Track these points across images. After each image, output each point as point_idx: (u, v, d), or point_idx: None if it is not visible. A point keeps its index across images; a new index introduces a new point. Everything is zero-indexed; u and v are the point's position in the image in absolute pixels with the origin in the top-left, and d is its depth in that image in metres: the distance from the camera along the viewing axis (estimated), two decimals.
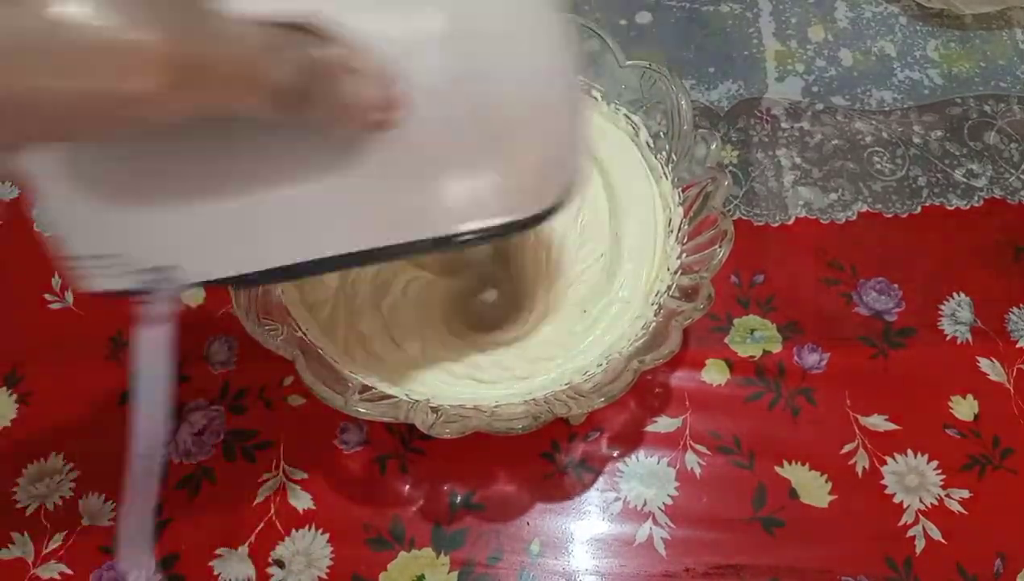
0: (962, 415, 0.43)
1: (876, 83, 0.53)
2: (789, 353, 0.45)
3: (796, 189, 0.50)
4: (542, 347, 0.40)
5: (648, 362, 0.35)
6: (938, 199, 0.49)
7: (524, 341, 0.41)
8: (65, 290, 0.47)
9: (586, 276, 0.42)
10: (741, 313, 0.46)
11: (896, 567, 0.39)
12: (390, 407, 0.36)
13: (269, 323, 0.37)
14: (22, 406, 0.44)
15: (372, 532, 0.40)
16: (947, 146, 0.51)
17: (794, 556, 0.40)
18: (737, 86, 0.53)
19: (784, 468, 0.42)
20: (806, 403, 0.43)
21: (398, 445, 0.42)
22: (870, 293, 0.46)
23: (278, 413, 0.43)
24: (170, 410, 0.29)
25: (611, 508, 0.41)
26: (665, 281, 0.40)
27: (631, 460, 0.42)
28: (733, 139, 0.51)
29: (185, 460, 0.42)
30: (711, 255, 0.38)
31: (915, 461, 0.42)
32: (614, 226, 0.43)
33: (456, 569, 0.40)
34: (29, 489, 0.42)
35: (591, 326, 0.41)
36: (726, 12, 0.57)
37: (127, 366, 0.44)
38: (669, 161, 0.43)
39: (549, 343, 0.40)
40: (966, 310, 0.46)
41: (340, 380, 0.37)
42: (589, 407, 0.36)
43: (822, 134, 0.52)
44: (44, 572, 0.40)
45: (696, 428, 0.43)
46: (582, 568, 0.40)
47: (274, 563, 0.40)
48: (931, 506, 0.41)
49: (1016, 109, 0.52)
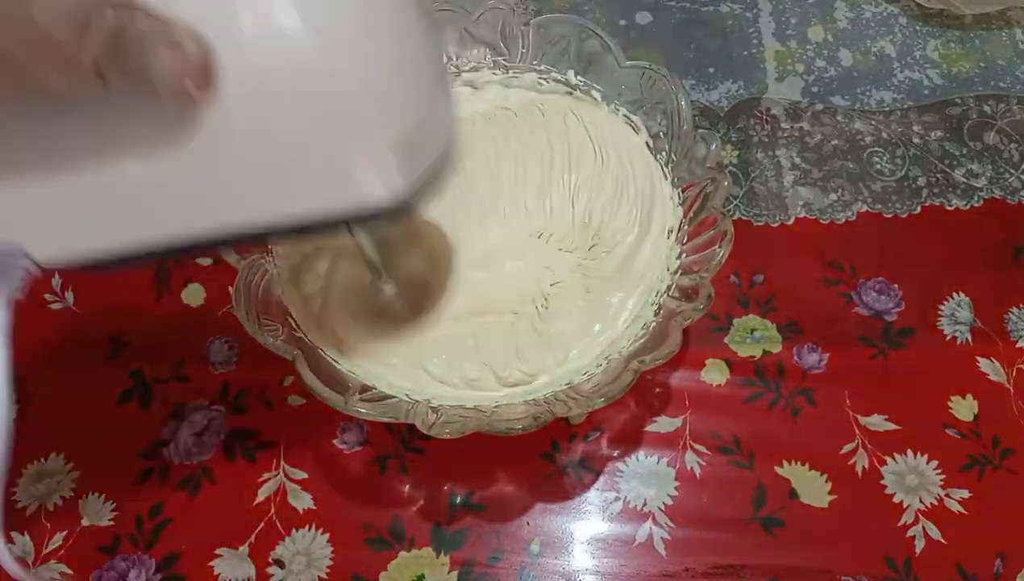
0: (962, 415, 0.43)
1: (876, 83, 0.53)
2: (789, 353, 0.45)
3: (796, 189, 0.50)
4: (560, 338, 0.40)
5: (648, 362, 0.35)
6: (938, 199, 0.49)
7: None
8: (65, 290, 0.47)
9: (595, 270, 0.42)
10: (741, 313, 0.46)
11: (896, 567, 0.39)
12: (390, 407, 0.36)
13: (269, 323, 0.37)
14: (22, 406, 0.44)
15: (372, 532, 0.40)
16: (947, 146, 0.51)
17: (794, 556, 0.40)
18: (737, 86, 0.53)
19: (784, 468, 0.42)
20: (806, 403, 0.43)
21: (398, 445, 0.42)
22: (870, 293, 0.46)
23: (278, 413, 0.43)
24: (11, 396, 0.30)
25: (611, 508, 0.41)
26: (665, 281, 0.40)
27: (631, 460, 0.42)
28: (733, 139, 0.51)
29: (185, 460, 0.42)
30: (711, 255, 0.38)
31: (915, 461, 0.42)
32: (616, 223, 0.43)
33: (456, 569, 0.40)
34: (29, 489, 0.42)
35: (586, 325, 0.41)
36: (726, 12, 0.57)
37: (127, 366, 0.45)
38: (669, 161, 0.43)
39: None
40: (966, 310, 0.46)
41: (340, 380, 0.37)
42: (589, 407, 0.36)
43: (822, 134, 0.52)
44: (44, 572, 0.40)
45: (696, 428, 0.43)
46: (582, 568, 0.40)
47: (274, 563, 0.40)
48: (931, 506, 0.41)
49: (1016, 109, 0.52)
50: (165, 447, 0.42)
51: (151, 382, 0.44)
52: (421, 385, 0.39)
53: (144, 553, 0.40)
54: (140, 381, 0.44)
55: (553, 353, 0.39)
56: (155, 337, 0.45)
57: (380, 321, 0.41)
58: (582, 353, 0.40)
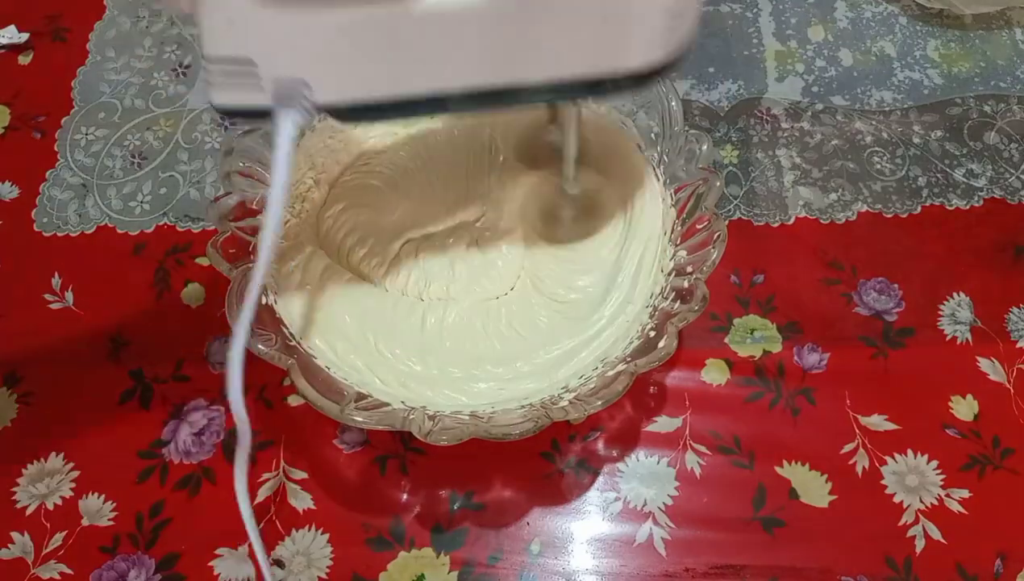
0: (962, 415, 0.43)
1: (876, 83, 0.53)
2: (789, 353, 0.45)
3: (796, 189, 0.50)
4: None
5: (644, 365, 0.35)
6: (938, 199, 0.49)
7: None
8: (65, 290, 0.47)
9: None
10: (741, 313, 0.46)
11: (896, 567, 0.39)
12: (386, 415, 0.36)
13: (262, 332, 0.37)
14: (22, 406, 0.44)
15: (372, 532, 0.40)
16: (947, 146, 0.51)
17: (794, 556, 0.40)
18: (737, 86, 0.53)
19: (784, 468, 0.42)
20: (806, 403, 0.43)
21: (398, 445, 0.42)
22: (870, 293, 0.46)
23: (278, 413, 0.43)
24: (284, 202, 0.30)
25: (611, 508, 0.41)
26: (659, 283, 0.40)
27: (631, 460, 0.42)
28: (733, 139, 0.51)
29: (185, 460, 0.42)
30: (705, 256, 0.37)
31: (915, 461, 0.42)
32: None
33: (456, 569, 0.40)
34: (29, 489, 0.42)
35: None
36: (726, 12, 0.57)
37: (127, 366, 0.45)
38: (660, 162, 0.43)
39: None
40: (966, 310, 0.46)
41: (335, 389, 0.37)
42: (586, 411, 0.36)
43: (822, 134, 0.52)
44: (44, 572, 0.40)
45: (696, 428, 0.43)
46: (582, 568, 0.40)
47: (274, 563, 0.40)
48: (931, 506, 0.41)
49: (1016, 109, 0.52)
50: (165, 447, 0.42)
51: (151, 382, 0.44)
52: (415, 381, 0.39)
53: (144, 553, 0.40)
54: (140, 381, 0.44)
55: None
56: (155, 337, 0.46)
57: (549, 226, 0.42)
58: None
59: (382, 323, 0.40)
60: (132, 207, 0.50)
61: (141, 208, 0.50)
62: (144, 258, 0.48)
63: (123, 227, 0.49)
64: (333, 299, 0.41)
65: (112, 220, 0.50)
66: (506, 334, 0.40)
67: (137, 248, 0.49)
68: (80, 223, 0.50)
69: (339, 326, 0.40)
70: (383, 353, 0.39)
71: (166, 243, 0.49)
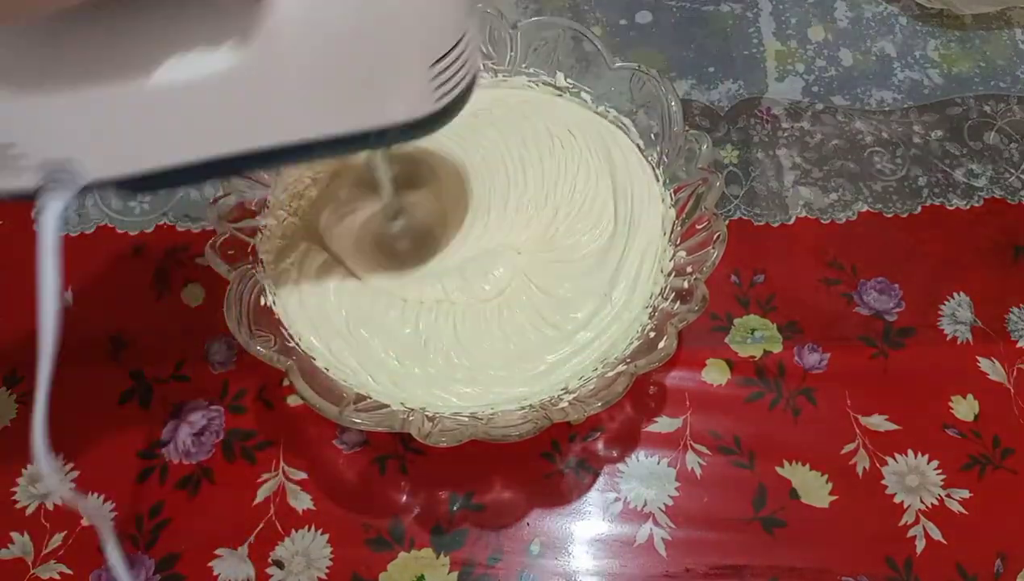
0: (962, 415, 0.43)
1: (876, 83, 0.53)
2: (789, 353, 0.44)
3: (796, 189, 0.50)
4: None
5: (643, 366, 0.35)
6: (938, 199, 0.49)
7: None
8: (65, 290, 0.47)
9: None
10: (741, 313, 0.46)
11: (896, 567, 0.39)
12: (385, 417, 0.36)
13: (261, 333, 0.37)
14: (22, 406, 0.44)
15: (372, 532, 0.40)
16: (947, 146, 0.51)
17: (794, 556, 0.40)
18: (737, 86, 0.53)
19: (784, 468, 0.42)
20: (806, 403, 0.43)
21: (398, 446, 0.42)
22: (870, 293, 0.46)
23: (278, 413, 0.43)
24: (59, 306, 0.30)
25: (611, 508, 0.41)
26: (659, 283, 0.40)
27: (631, 460, 0.42)
28: (733, 139, 0.51)
29: (185, 460, 0.42)
30: (705, 257, 0.37)
31: (915, 461, 0.42)
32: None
33: (456, 570, 0.40)
34: (29, 489, 0.42)
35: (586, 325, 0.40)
36: (726, 12, 0.57)
37: (127, 366, 0.45)
38: (660, 163, 0.43)
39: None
40: (966, 310, 0.46)
41: (334, 391, 0.37)
42: (586, 412, 0.36)
43: (822, 134, 0.52)
44: (44, 572, 0.40)
45: (696, 428, 0.43)
46: (582, 569, 0.40)
47: (274, 563, 0.40)
48: (931, 506, 0.41)
49: (1016, 109, 0.52)
50: (165, 447, 0.42)
51: (151, 382, 0.44)
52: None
53: (144, 553, 0.40)
54: (140, 381, 0.44)
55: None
56: (155, 337, 0.45)
57: (383, 256, 0.42)
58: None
59: (382, 323, 0.40)
60: (132, 207, 0.50)
61: (141, 208, 0.50)
62: (144, 258, 0.48)
63: (123, 227, 0.49)
64: (328, 296, 0.41)
65: (112, 220, 0.50)
66: (504, 336, 0.40)
67: (137, 248, 0.49)
68: (80, 223, 0.50)
69: (334, 324, 0.40)
70: (378, 352, 0.39)
71: (166, 243, 0.49)
